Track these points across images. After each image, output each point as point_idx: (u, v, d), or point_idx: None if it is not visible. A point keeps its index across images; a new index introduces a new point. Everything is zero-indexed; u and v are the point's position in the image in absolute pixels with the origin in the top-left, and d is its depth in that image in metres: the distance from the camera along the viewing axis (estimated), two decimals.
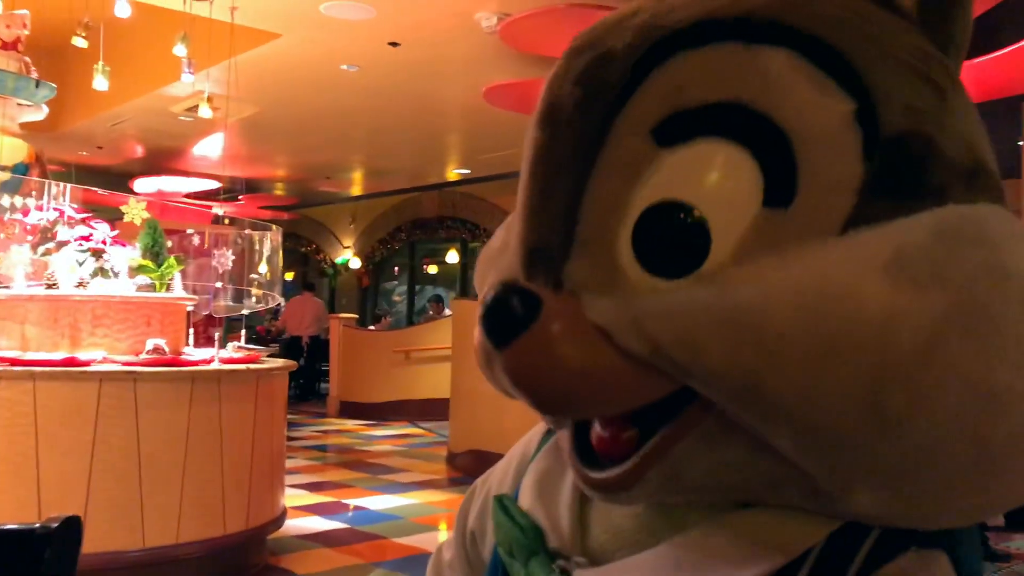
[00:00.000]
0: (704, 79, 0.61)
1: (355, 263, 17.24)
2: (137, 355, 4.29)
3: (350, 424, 10.49)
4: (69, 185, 5.44)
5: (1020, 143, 8.37)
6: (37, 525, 1.74)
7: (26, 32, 5.70)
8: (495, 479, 0.94)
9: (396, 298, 17.66)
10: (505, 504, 0.80)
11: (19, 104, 5.48)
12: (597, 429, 0.67)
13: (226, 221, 9.85)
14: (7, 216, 5.06)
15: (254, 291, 6.32)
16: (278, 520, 4.77)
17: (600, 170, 0.63)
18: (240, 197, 13.89)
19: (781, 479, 0.62)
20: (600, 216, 0.63)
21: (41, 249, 4.69)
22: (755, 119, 0.59)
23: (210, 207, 11.71)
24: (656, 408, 0.63)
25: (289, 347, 12.92)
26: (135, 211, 5.09)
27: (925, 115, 0.61)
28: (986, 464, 0.58)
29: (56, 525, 1.78)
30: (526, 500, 0.81)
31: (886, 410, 0.55)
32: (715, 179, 0.60)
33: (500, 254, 0.75)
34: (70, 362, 4.02)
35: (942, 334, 0.54)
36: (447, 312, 11.88)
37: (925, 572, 0.64)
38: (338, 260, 17.77)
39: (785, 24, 0.60)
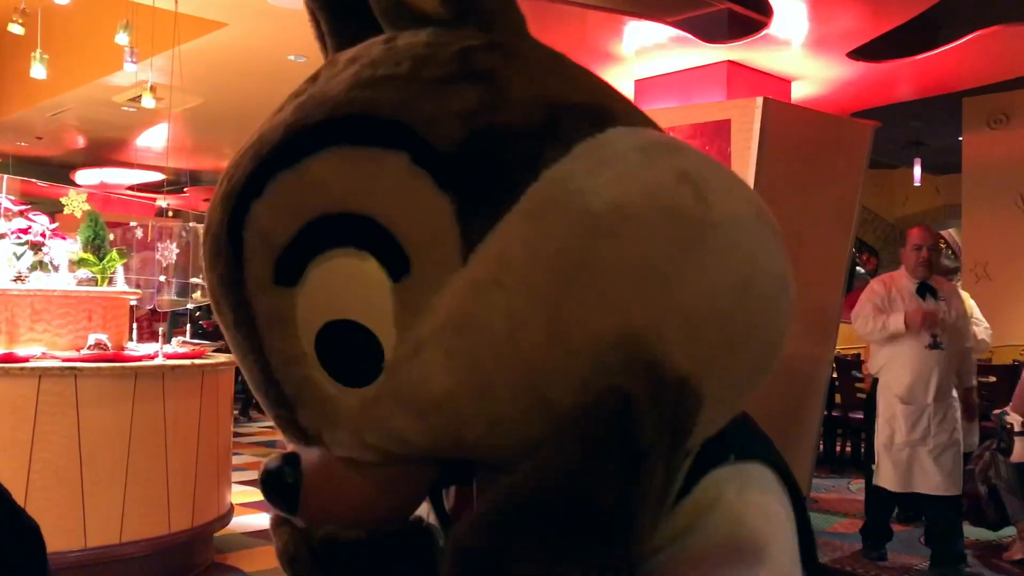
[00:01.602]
0: (276, 220, 0.63)
1: None
2: (78, 351, 4.20)
3: None
4: (6, 176, 5.30)
5: (960, 138, 8.57)
6: None
7: None
8: None
9: None
10: None
11: None
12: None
13: (170, 214, 9.68)
14: None
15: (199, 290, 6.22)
16: (225, 517, 4.70)
17: (264, 334, 0.67)
18: (185, 189, 13.67)
19: None
20: (287, 370, 0.67)
21: None
22: (346, 223, 0.62)
23: (154, 199, 11.49)
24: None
25: None
26: (75, 203, 4.98)
27: (474, 113, 0.62)
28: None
29: None
30: None
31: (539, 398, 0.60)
32: (350, 285, 0.63)
33: None
34: (8, 358, 3.92)
35: (518, 320, 0.58)
36: None
37: (737, 479, 0.68)
38: None
39: (327, 121, 0.63)
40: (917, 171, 10.17)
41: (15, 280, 4.27)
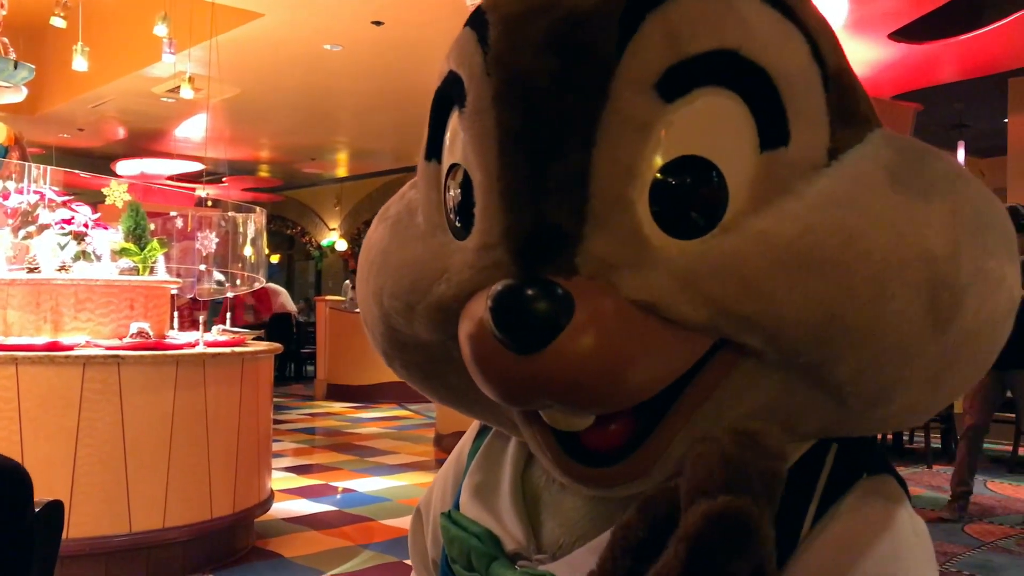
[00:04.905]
0: (694, 28, 0.59)
1: (341, 245, 17.18)
2: (121, 339, 4.26)
3: (337, 406, 10.47)
4: (50, 168, 5.38)
5: (1006, 120, 8.39)
6: None
7: (3, 12, 5.62)
8: (436, 502, 0.93)
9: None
10: (454, 518, 0.79)
11: None
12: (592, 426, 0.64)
13: (209, 203, 9.78)
14: None
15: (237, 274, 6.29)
16: (265, 503, 4.76)
17: (605, 137, 0.59)
18: (224, 179, 13.82)
19: (802, 415, 0.65)
20: (614, 185, 0.59)
21: (22, 233, 4.63)
22: (744, 65, 0.59)
23: (193, 189, 11.63)
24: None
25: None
26: (117, 193, 5.05)
27: (840, 53, 0.67)
28: (989, 347, 0.65)
29: (38, 510, 1.77)
30: (470, 512, 0.80)
31: (939, 314, 0.59)
32: (721, 130, 0.60)
33: (429, 235, 0.73)
34: (53, 346, 3.98)
35: (959, 237, 0.60)
36: None
37: (881, 494, 0.67)
38: (324, 242, 17.70)
39: None
40: (961, 154, 9.97)
41: (59, 270, 4.34)
